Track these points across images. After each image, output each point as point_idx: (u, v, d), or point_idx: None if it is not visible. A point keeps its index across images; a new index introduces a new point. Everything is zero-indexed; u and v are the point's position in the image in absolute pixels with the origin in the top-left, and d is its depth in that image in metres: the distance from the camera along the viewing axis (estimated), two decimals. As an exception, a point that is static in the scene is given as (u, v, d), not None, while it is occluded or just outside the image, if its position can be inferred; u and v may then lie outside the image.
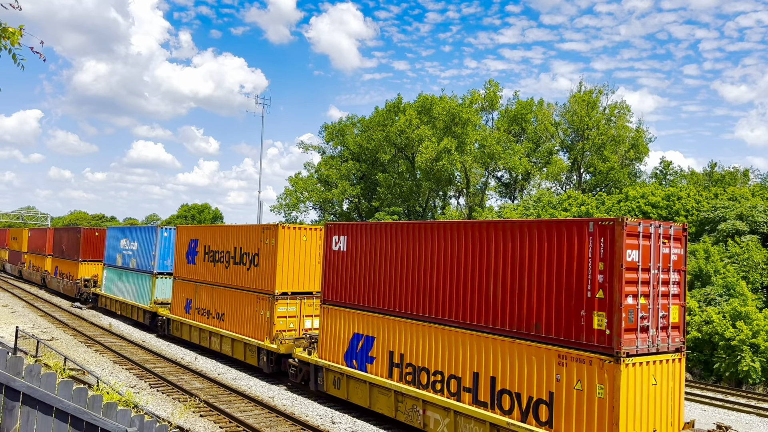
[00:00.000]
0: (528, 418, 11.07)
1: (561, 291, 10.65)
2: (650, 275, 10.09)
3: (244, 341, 20.10)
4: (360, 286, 15.26)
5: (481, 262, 12.14)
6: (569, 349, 10.49)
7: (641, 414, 9.96)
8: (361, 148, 65.74)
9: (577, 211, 51.69)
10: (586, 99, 63.27)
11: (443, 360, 12.86)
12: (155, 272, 27.35)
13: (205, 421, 14.63)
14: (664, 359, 10.37)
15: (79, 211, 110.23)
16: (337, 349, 15.99)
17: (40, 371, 5.88)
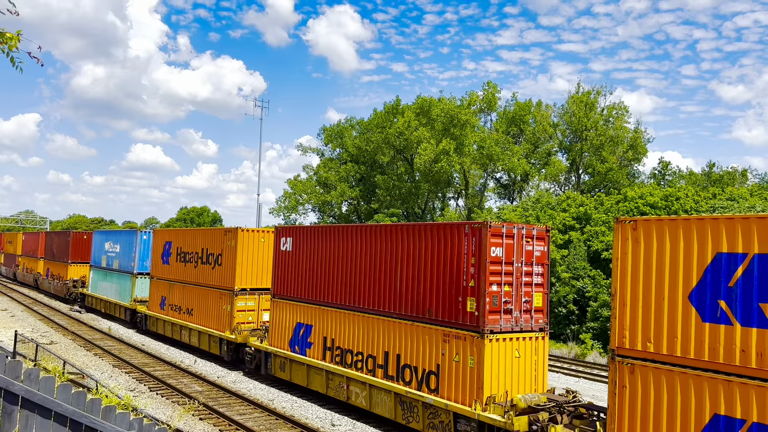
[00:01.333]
0: (422, 386, 13.14)
1: (446, 281, 12.68)
2: (513, 268, 12.06)
3: (209, 333, 22.38)
4: (302, 282, 17.35)
5: (390, 259, 14.24)
6: (451, 328, 12.57)
7: (504, 380, 11.95)
8: (360, 150, 67.37)
9: (575, 212, 52.64)
10: (584, 100, 64.45)
11: (363, 342, 14.98)
12: (135, 272, 29.78)
13: (205, 424, 15.07)
14: (527, 337, 12.35)
15: (78, 215, 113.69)
16: (284, 337, 18.07)
17: (39, 375, 5.97)
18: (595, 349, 33.62)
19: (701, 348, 9.05)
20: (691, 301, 9.17)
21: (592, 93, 64.55)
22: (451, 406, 12.37)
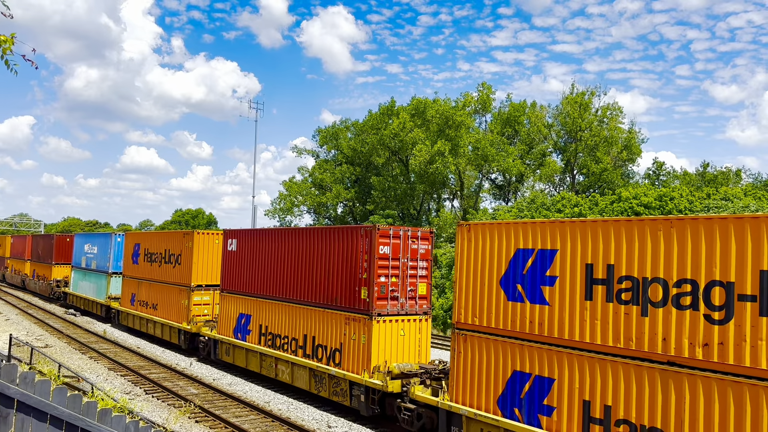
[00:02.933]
0: (330, 362, 16.71)
1: (347, 274, 16.23)
2: (400, 263, 15.55)
3: (170, 325, 26.12)
4: (244, 277, 21.10)
5: (307, 257, 17.93)
6: (350, 313, 16.10)
7: (391, 354, 15.46)
8: (355, 152, 70.27)
9: (570, 212, 54.93)
10: (579, 101, 66.99)
11: (288, 327, 18.62)
12: (110, 272, 33.78)
13: (201, 426, 15.85)
14: (412, 319, 15.85)
15: (72, 218, 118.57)
16: (229, 327, 21.84)
17: (34, 378, 6.11)
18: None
19: (507, 320, 12.45)
20: (501, 286, 12.58)
21: (587, 94, 67.10)
22: (348, 375, 15.93)
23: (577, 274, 11.34)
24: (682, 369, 9.93)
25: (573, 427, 11.22)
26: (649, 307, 10.34)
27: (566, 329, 11.42)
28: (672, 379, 10.02)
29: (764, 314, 9.15)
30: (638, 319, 10.46)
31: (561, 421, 11.40)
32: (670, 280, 10.13)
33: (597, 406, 10.93)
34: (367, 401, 15.31)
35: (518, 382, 12.13)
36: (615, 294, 10.79)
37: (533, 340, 11.91)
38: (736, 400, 9.32)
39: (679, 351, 9.96)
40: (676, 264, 10.09)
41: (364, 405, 15.41)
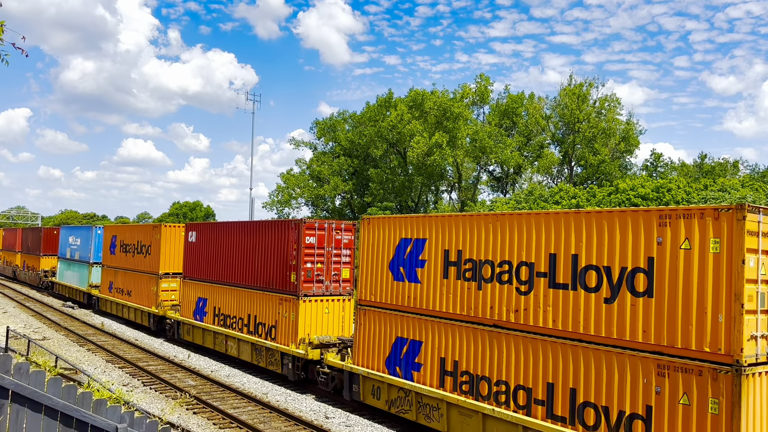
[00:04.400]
0: (267, 337, 20.58)
1: (281, 262, 20.00)
2: (324, 251, 19.28)
3: (141, 309, 30.25)
4: (202, 265, 25.06)
5: (250, 247, 21.78)
6: (283, 294, 19.89)
7: (317, 329, 19.21)
8: (353, 144, 73.41)
9: (567, 204, 57.42)
10: (577, 92, 69.49)
11: (236, 308, 22.57)
12: (91, 262, 38.10)
13: (199, 417, 16.92)
14: (335, 299, 19.58)
15: (70, 210, 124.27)
16: (190, 309, 25.86)
17: (28, 369, 6.36)
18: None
19: (393, 296, 16.10)
20: (389, 268, 16.22)
21: (585, 85, 69.62)
22: (280, 347, 19.77)
23: (439, 258, 14.94)
24: (501, 330, 13.50)
25: (434, 379, 14.87)
26: (482, 282, 13.91)
27: (431, 302, 15.04)
28: (495, 338, 13.60)
29: (552, 287, 12.67)
30: (475, 293, 14.05)
31: (425, 374, 15.05)
32: (495, 261, 13.69)
33: (449, 362, 14.56)
34: (293, 368, 19.17)
35: (399, 346, 15.79)
36: (462, 273, 14.37)
37: (410, 312, 15.55)
38: (534, 351, 12.88)
39: (500, 316, 13.53)
40: (499, 249, 13.64)
41: (291, 371, 19.27)
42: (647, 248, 11.30)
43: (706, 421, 10.39)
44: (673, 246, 10.96)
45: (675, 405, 10.78)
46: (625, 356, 11.46)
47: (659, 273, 11.11)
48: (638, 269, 11.39)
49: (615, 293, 11.68)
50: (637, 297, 11.37)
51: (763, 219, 10.62)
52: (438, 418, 14.72)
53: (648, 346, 11.17)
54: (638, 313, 11.33)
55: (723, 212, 10.51)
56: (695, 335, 10.61)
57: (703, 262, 10.60)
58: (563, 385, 12.33)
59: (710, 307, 10.47)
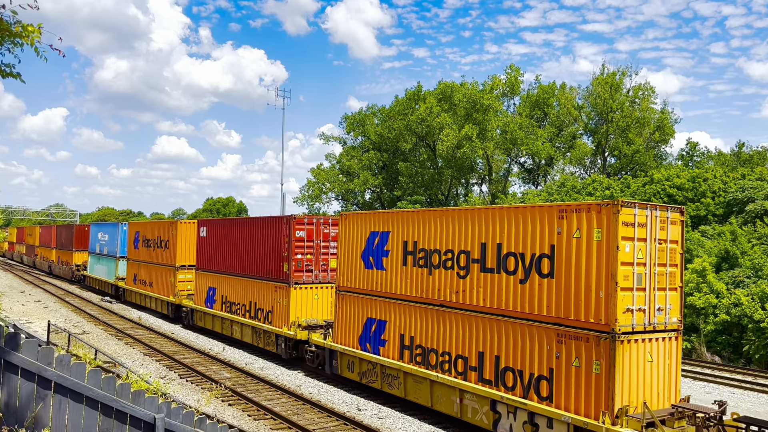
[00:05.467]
0: (265, 321, 24.17)
1: (275, 253, 23.48)
2: (314, 244, 22.67)
3: (160, 299, 34.66)
4: (212, 258, 28.81)
5: (251, 241, 25.35)
6: (277, 282, 23.38)
7: (306, 312, 22.66)
8: (382, 138, 76.39)
9: (601, 195, 58.93)
10: (610, 81, 70.70)
11: (240, 296, 26.23)
12: (118, 256, 42.67)
13: (234, 409, 17.97)
14: (324, 286, 22.95)
15: (106, 207, 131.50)
16: (202, 298, 29.73)
17: (70, 361, 6.95)
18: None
19: (364, 282, 19.36)
20: (362, 258, 19.49)
21: (618, 74, 70.80)
22: (275, 330, 23.34)
23: (399, 249, 18.12)
24: (446, 309, 16.62)
25: (395, 353, 18.09)
26: (432, 268, 17.05)
27: (393, 286, 18.25)
28: (441, 315, 16.73)
29: (482, 271, 15.71)
30: (427, 277, 17.19)
31: (389, 349, 18.29)
32: (442, 250, 16.80)
33: (407, 337, 17.76)
34: (286, 348, 22.69)
35: (369, 325, 19.07)
36: (417, 261, 17.53)
37: (377, 295, 18.80)
38: (469, 326, 15.96)
39: (445, 297, 16.65)
40: (445, 240, 16.74)
41: (284, 350, 22.78)
42: (550, 237, 14.24)
43: (591, 380, 13.31)
44: (568, 235, 13.89)
45: (570, 367, 13.72)
46: (534, 328, 14.45)
47: (558, 258, 14.04)
48: (544, 255, 14.34)
49: (527, 275, 14.66)
50: (543, 278, 14.33)
51: (639, 212, 13.45)
52: (397, 386, 17.96)
53: (550, 319, 14.12)
54: (543, 291, 14.30)
55: (603, 207, 13.38)
56: (584, 309, 13.53)
57: (589, 249, 13.50)
58: (490, 353, 15.39)
59: (594, 286, 13.37)
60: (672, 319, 14.05)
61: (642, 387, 13.40)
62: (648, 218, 13.57)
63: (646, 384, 13.49)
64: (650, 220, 13.60)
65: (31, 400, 6.87)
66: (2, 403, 6.77)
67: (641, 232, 13.43)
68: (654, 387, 13.66)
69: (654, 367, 13.67)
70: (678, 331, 14.18)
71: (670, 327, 13.98)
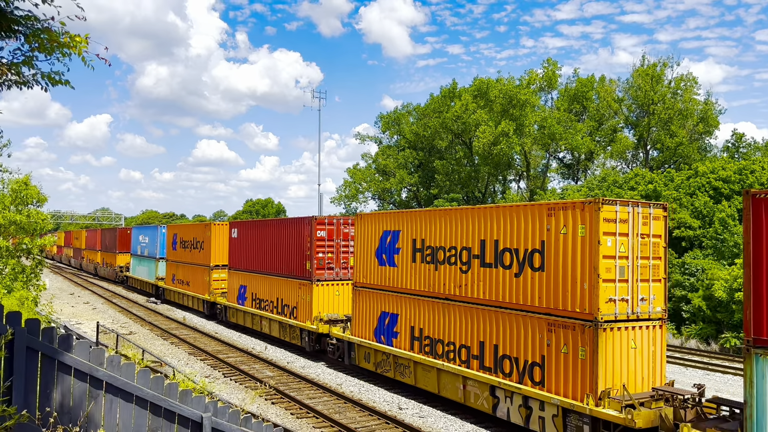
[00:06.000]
0: (291, 316, 26.14)
1: (299, 253, 25.46)
2: (334, 243, 24.55)
3: (196, 297, 37.43)
4: (242, 257, 31.03)
5: (277, 241, 27.36)
6: (301, 280, 25.34)
7: (328, 308, 24.56)
8: (418, 136, 77.99)
9: (644, 190, 59.37)
10: (650, 73, 70.65)
11: (267, 292, 28.34)
12: (158, 257, 46.01)
13: (277, 407, 18.73)
14: (344, 283, 24.79)
15: (150, 211, 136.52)
16: (234, 295, 31.95)
17: (120, 361, 7.37)
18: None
19: (378, 279, 21.15)
20: (375, 256, 21.27)
21: (659, 65, 70.70)
22: (299, 324, 25.33)
23: (409, 246, 19.84)
24: (450, 302, 18.27)
25: (407, 344, 19.82)
26: (438, 264, 18.72)
27: (404, 281, 19.98)
28: (446, 308, 18.38)
29: (482, 266, 17.31)
30: (433, 273, 18.87)
31: (401, 340, 20.03)
32: (446, 247, 18.46)
33: (416, 329, 19.47)
34: (309, 341, 24.64)
35: (383, 318, 20.85)
36: (424, 257, 19.22)
37: (390, 290, 20.56)
38: (471, 317, 17.58)
39: (449, 290, 18.30)
40: (449, 237, 18.39)
41: (308, 344, 24.74)
42: (540, 234, 15.77)
43: (578, 365, 14.81)
44: (556, 232, 15.39)
45: (559, 354, 15.23)
46: (527, 318, 15.99)
47: (548, 252, 15.56)
48: (535, 250, 15.87)
49: (521, 269, 16.21)
50: (535, 271, 15.86)
51: (620, 209, 14.87)
52: (408, 374, 19.69)
53: (542, 309, 15.65)
54: (535, 284, 15.83)
55: (586, 204, 14.86)
56: (570, 299, 15.02)
57: (575, 244, 14.98)
58: (489, 342, 16.99)
59: (579, 278, 14.86)
60: (656, 309, 15.41)
61: (626, 372, 14.81)
62: (630, 214, 14.96)
63: (629, 369, 14.90)
64: (632, 216, 14.99)
65: (84, 400, 7.27)
66: (57, 403, 7.16)
67: (623, 228, 14.84)
68: (638, 372, 15.05)
69: (638, 354, 15.07)
70: (662, 320, 15.52)
71: (654, 316, 15.34)
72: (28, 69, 6.81)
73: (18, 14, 6.53)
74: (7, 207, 22.33)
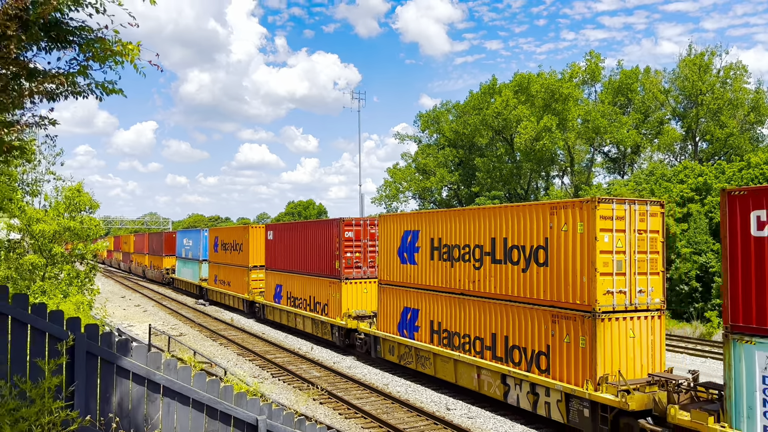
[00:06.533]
0: (322, 313, 28.17)
1: (329, 253, 27.48)
2: (362, 243, 26.50)
3: (237, 296, 40.49)
4: (277, 258, 33.30)
5: (309, 242, 29.44)
6: (331, 278, 27.36)
7: (357, 305, 26.50)
8: (457, 134, 79.36)
9: (694, 183, 59.55)
10: (698, 62, 70.49)
11: (301, 291, 30.45)
12: (201, 259, 49.43)
13: (325, 408, 19.45)
14: (371, 281, 26.69)
15: (196, 214, 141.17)
16: (270, 294, 34.28)
17: (176, 365, 7.67)
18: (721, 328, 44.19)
19: (400, 276, 22.99)
20: (398, 254, 23.12)
21: (706, 54, 70.49)
22: (329, 320, 27.41)
23: (427, 245, 21.61)
24: (465, 296, 19.98)
25: (427, 337, 21.59)
26: (453, 261, 20.44)
27: (423, 278, 21.76)
28: (461, 302, 20.10)
29: (493, 262, 18.98)
30: (449, 269, 20.60)
31: (422, 334, 21.82)
32: (460, 245, 20.17)
33: (435, 323, 21.23)
34: (339, 336, 26.64)
35: (405, 313, 22.68)
36: (441, 255, 20.97)
37: (411, 287, 22.37)
38: (483, 310, 19.26)
39: (464, 286, 20.01)
40: (463, 236, 20.09)
41: (338, 338, 26.75)
42: (544, 231, 17.35)
43: (579, 353, 16.35)
44: (557, 229, 16.96)
45: (562, 343, 16.80)
46: (534, 310, 17.59)
47: (551, 249, 17.14)
48: (540, 246, 17.46)
49: (528, 264, 17.82)
50: (540, 267, 17.45)
51: (617, 207, 16.35)
52: (429, 366, 21.46)
53: (546, 302, 17.23)
54: (540, 278, 17.42)
55: (584, 203, 16.39)
56: (572, 292, 16.57)
57: (575, 240, 16.53)
58: (501, 334, 18.64)
59: (579, 272, 16.40)
60: (654, 300, 16.83)
61: (624, 359, 16.29)
62: (627, 212, 16.43)
63: (628, 356, 16.37)
64: (629, 213, 16.45)
65: (141, 404, 7.57)
66: (115, 407, 7.43)
67: (620, 225, 16.32)
68: (637, 359, 16.51)
69: (636, 342, 16.52)
70: (661, 311, 16.92)
71: (652, 307, 16.77)
72: (83, 79, 7.10)
73: (73, 25, 6.85)
74: (61, 214, 23.92)
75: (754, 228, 12.84)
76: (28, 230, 23.08)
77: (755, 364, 12.87)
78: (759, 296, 12.71)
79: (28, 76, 6.80)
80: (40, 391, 6.81)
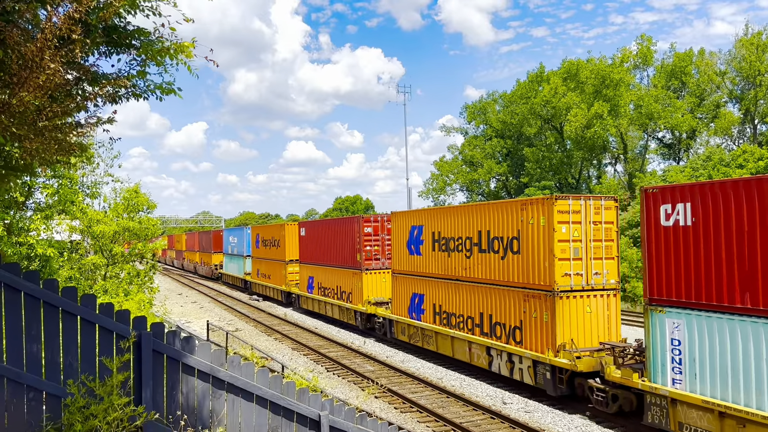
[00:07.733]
0: (347, 301, 33.36)
1: (351, 246, 32.58)
2: (380, 237, 31.51)
3: (276, 288, 46.38)
4: (309, 252, 38.73)
5: (335, 237, 34.61)
6: (353, 270, 32.51)
7: (376, 293, 31.60)
8: (505, 125, 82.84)
9: (754, 167, 61.99)
10: (755, 42, 72.16)
11: (329, 281, 35.74)
12: (245, 255, 55.81)
13: (380, 402, 20.49)
14: (388, 272, 31.65)
15: (247, 212, 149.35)
16: (304, 285, 39.76)
17: (240, 362, 8.12)
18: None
19: (409, 266, 27.91)
20: (407, 246, 28.04)
21: (764, 33, 72.22)
22: (352, 306, 32.65)
23: (429, 238, 26.43)
24: (459, 282, 24.74)
25: (430, 318, 26.45)
26: (450, 252, 25.21)
27: (427, 267, 26.61)
28: (457, 287, 24.87)
29: (480, 252, 23.67)
30: (447, 259, 25.39)
31: (427, 316, 26.69)
32: (455, 237, 24.93)
33: (437, 306, 26.06)
34: (360, 321, 31.79)
35: (413, 298, 27.58)
36: (440, 247, 25.76)
37: (417, 275, 27.25)
38: (474, 293, 24.00)
39: (458, 273, 24.77)
40: (457, 229, 24.84)
41: (360, 322, 31.88)
42: (517, 224, 21.95)
43: (543, 326, 20.93)
44: (527, 222, 21.54)
45: (531, 318, 21.39)
46: (510, 291, 22.22)
47: (522, 239, 21.73)
48: (514, 237, 22.07)
49: (505, 253, 22.45)
50: (514, 254, 22.06)
51: (573, 202, 20.82)
52: (432, 343, 26.34)
53: (519, 284, 21.84)
54: (515, 264, 22.03)
55: (545, 200, 20.93)
56: (538, 275, 21.14)
57: (539, 231, 21.08)
58: (486, 312, 23.33)
59: (542, 258, 20.95)
60: (610, 281, 21.22)
61: (582, 331, 20.77)
62: (582, 206, 20.88)
63: (585, 329, 20.85)
64: (584, 208, 20.90)
65: (206, 399, 7.98)
66: (181, 403, 7.73)
67: (576, 217, 20.79)
68: (593, 331, 20.97)
69: (593, 317, 20.97)
70: (616, 290, 21.30)
71: (608, 287, 21.18)
72: (142, 81, 7.53)
73: (130, 29, 7.28)
74: (120, 215, 26.46)
75: (663, 219, 17.17)
76: (89, 231, 25.85)
77: (666, 330, 17.23)
78: (667, 275, 17.06)
79: (91, 81, 7.22)
80: (107, 389, 7.44)
